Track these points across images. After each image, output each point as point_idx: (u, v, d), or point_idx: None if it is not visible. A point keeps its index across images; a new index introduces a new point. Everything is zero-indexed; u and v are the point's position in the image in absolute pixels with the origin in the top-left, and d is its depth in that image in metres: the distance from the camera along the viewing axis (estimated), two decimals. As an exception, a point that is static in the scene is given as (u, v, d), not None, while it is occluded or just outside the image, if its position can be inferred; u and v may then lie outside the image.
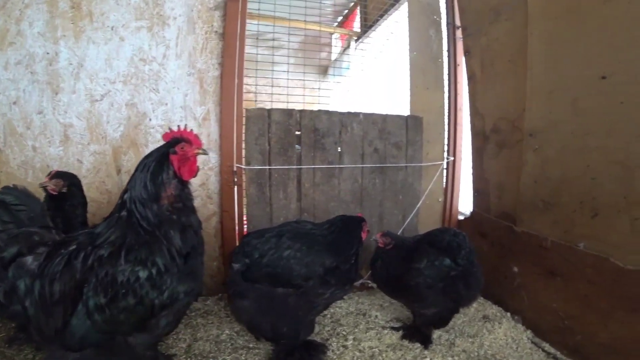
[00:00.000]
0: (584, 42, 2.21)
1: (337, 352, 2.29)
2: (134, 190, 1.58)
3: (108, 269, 1.46)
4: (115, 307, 1.46)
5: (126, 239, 1.52)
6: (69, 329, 1.47)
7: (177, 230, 1.59)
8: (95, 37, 2.74)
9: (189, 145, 1.65)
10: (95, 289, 1.46)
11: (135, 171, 1.61)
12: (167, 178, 1.59)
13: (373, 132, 2.90)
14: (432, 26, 3.21)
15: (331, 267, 2.08)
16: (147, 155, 1.65)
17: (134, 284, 1.48)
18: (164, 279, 1.53)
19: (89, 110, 2.73)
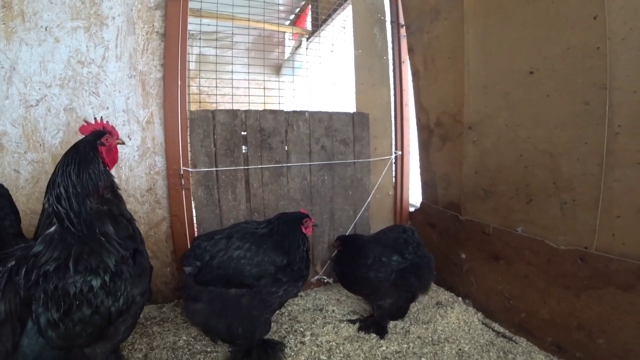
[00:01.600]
0: (511, 39, 2.35)
1: (294, 349, 2.30)
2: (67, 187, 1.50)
3: (57, 282, 1.39)
4: (70, 320, 1.40)
5: (71, 249, 1.45)
6: (20, 350, 1.39)
7: (109, 221, 1.56)
8: (28, 38, 2.57)
9: (111, 136, 1.68)
10: (46, 304, 1.38)
11: (65, 166, 1.54)
12: (99, 169, 1.58)
13: (319, 130, 2.93)
14: (377, 24, 3.26)
15: (282, 265, 2.08)
16: (71, 149, 1.60)
17: (88, 293, 1.42)
18: (118, 285, 1.49)
19: (24, 117, 2.56)
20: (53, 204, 1.49)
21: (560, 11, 2.04)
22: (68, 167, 1.52)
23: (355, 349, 2.31)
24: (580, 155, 2.00)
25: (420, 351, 2.30)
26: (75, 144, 1.63)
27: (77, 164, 1.53)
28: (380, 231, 2.64)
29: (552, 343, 2.19)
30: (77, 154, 1.57)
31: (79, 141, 1.64)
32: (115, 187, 1.66)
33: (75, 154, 1.56)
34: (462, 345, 2.36)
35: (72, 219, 1.48)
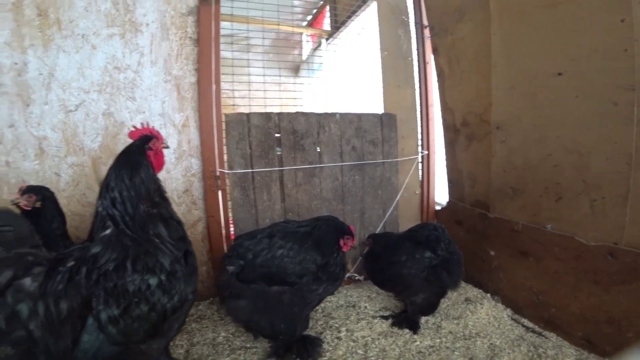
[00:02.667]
0: (537, 42, 2.50)
1: (332, 344, 2.46)
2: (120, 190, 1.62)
3: (116, 281, 1.51)
4: (129, 317, 1.52)
5: (128, 250, 1.57)
6: (80, 346, 1.50)
7: (161, 223, 1.68)
8: (65, 45, 2.75)
9: (157, 141, 1.80)
10: (106, 301, 1.50)
11: (118, 170, 1.66)
12: (150, 173, 1.70)
13: (350, 131, 3.10)
14: (401, 26, 3.43)
15: (322, 264, 2.24)
16: (122, 154, 1.73)
17: (146, 291, 1.55)
18: (173, 284, 1.61)
19: (63, 122, 2.75)
20: (108, 207, 1.62)
21: (586, 15, 2.17)
22: (121, 172, 1.64)
23: (390, 344, 2.47)
24: (610, 154, 2.15)
25: (452, 345, 2.46)
26: (125, 148, 1.77)
27: (129, 169, 1.65)
28: (410, 229, 2.80)
29: (582, 337, 2.33)
30: (128, 158, 1.70)
31: (129, 146, 1.78)
32: (163, 191, 1.78)
33: (127, 159, 1.70)
34: (493, 339, 2.51)
35: (127, 221, 1.61)
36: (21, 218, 1.72)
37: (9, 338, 1.48)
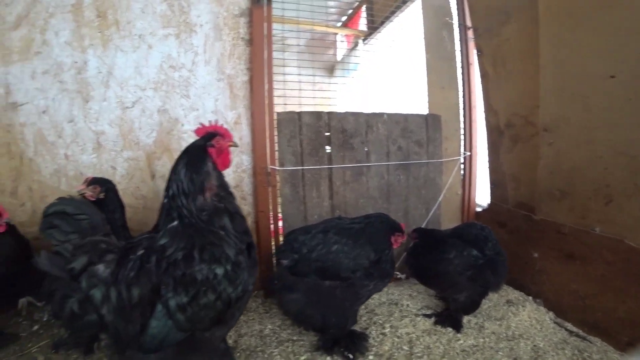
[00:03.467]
0: (586, 44, 2.57)
1: (377, 340, 2.57)
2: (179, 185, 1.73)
3: (185, 269, 1.61)
4: (197, 305, 1.61)
5: (195, 241, 1.68)
6: (149, 331, 1.60)
7: (227, 216, 1.77)
8: (123, 45, 2.95)
9: (222, 139, 1.88)
10: (175, 289, 1.59)
11: (176, 166, 1.78)
12: (209, 170, 1.78)
13: (396, 131, 3.23)
14: (445, 27, 3.54)
15: (375, 260, 2.36)
16: (185, 151, 1.84)
17: (213, 280, 1.64)
18: (238, 274, 1.71)
19: (120, 117, 2.95)
20: (169, 199, 1.75)
21: (639, 18, 2.25)
22: (178, 167, 1.77)
23: (434, 341, 2.56)
24: (664, 157, 2.23)
25: (496, 345, 2.54)
26: (188, 146, 1.87)
27: (185, 165, 1.76)
28: (458, 227, 2.90)
29: (628, 343, 2.36)
30: (187, 155, 1.81)
31: (192, 143, 1.88)
32: (227, 186, 1.86)
33: (186, 155, 1.81)
34: (536, 341, 2.57)
35: (188, 214, 1.72)
36: (94, 207, 1.83)
37: (80, 321, 1.62)
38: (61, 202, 1.73)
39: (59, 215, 1.68)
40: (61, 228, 1.66)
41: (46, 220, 1.67)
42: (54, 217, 1.67)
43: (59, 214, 1.68)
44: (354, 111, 3.15)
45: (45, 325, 2.82)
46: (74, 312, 1.60)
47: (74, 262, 1.61)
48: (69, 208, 1.69)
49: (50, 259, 1.66)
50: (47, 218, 1.67)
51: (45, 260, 1.66)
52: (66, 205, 1.70)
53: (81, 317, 1.61)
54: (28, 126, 2.99)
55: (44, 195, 3.04)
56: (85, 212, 1.72)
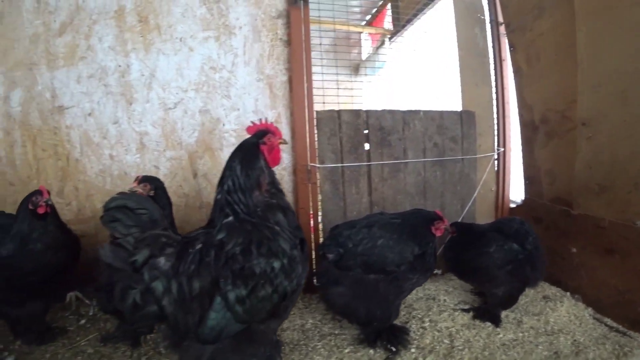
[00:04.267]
0: (629, 39, 2.59)
1: (417, 333, 2.66)
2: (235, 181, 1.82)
3: (243, 263, 1.69)
4: (255, 297, 1.69)
5: (251, 236, 1.75)
6: (207, 323, 1.66)
7: (281, 212, 1.85)
8: (165, 48, 3.10)
9: (273, 136, 1.94)
10: (235, 282, 1.67)
11: (231, 163, 1.86)
12: (262, 166, 1.87)
13: (432, 128, 3.32)
14: (477, 24, 3.61)
15: (418, 254, 2.44)
16: (238, 147, 1.92)
17: (270, 274, 1.71)
18: (293, 267, 1.78)
19: (163, 118, 3.10)
20: (225, 195, 1.83)
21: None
22: (233, 163, 1.85)
23: (474, 335, 2.64)
24: None
25: (535, 340, 2.59)
26: (241, 143, 1.95)
27: (241, 161, 1.85)
28: (496, 221, 2.97)
29: None
30: (241, 152, 1.89)
31: (244, 140, 1.96)
32: (277, 183, 1.95)
33: (240, 152, 1.89)
34: (576, 336, 2.62)
35: (242, 209, 1.80)
36: (153, 202, 1.90)
37: (140, 312, 1.69)
38: (122, 196, 1.79)
39: (121, 209, 1.73)
40: (123, 222, 1.71)
41: (108, 213, 1.73)
42: (116, 211, 1.73)
43: (121, 208, 1.73)
44: (391, 109, 3.24)
45: (92, 320, 2.99)
46: (136, 303, 1.67)
47: (137, 254, 1.68)
48: (130, 202, 1.75)
49: (114, 251, 1.72)
50: (109, 211, 1.72)
51: (109, 252, 1.72)
52: (127, 200, 1.76)
53: (142, 308, 1.68)
54: (74, 128, 3.16)
55: (89, 195, 3.22)
56: (145, 206, 1.79)
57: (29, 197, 2.53)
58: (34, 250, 2.47)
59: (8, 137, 3.23)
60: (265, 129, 1.97)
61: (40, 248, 2.48)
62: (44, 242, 2.51)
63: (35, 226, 2.50)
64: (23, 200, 2.55)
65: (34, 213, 2.50)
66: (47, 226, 2.54)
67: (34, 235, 2.48)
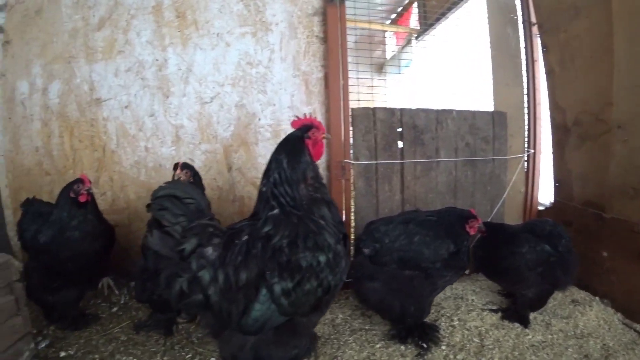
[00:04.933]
0: None
1: (447, 331, 2.71)
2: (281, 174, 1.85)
3: (290, 256, 1.71)
4: (301, 290, 1.71)
5: (298, 229, 1.78)
6: (252, 314, 1.70)
7: (324, 206, 1.88)
8: (202, 43, 3.19)
9: (317, 131, 1.98)
10: (281, 275, 1.70)
11: (277, 155, 1.90)
12: (307, 160, 1.91)
13: (464, 128, 3.37)
14: (510, 24, 3.65)
15: (453, 252, 2.49)
16: (284, 141, 1.96)
17: (316, 267, 1.73)
18: (337, 262, 1.80)
19: (199, 112, 3.19)
20: (271, 187, 1.86)
21: None
22: (280, 156, 1.88)
23: (503, 335, 2.67)
24: None
25: (565, 343, 2.61)
26: (287, 136, 1.98)
27: (287, 154, 1.88)
28: (528, 222, 2.99)
29: None
30: (287, 145, 1.92)
31: (290, 134, 1.99)
32: (320, 177, 1.98)
33: (286, 146, 1.92)
34: (606, 340, 2.63)
35: (288, 202, 1.82)
36: (199, 192, 1.91)
37: (188, 300, 1.73)
38: (170, 185, 1.85)
39: (169, 198, 1.78)
40: (171, 210, 1.76)
41: (157, 202, 1.77)
42: (164, 200, 1.78)
43: (169, 197, 1.78)
44: (425, 108, 3.30)
45: (123, 308, 3.09)
46: (182, 291, 1.71)
47: (185, 243, 1.72)
48: (178, 192, 1.80)
49: (162, 239, 1.77)
50: (157, 200, 1.77)
51: (157, 239, 1.77)
52: (175, 189, 1.81)
53: (188, 296, 1.72)
54: (111, 120, 3.27)
55: (124, 186, 3.32)
56: (193, 196, 1.83)
57: (70, 185, 2.62)
58: (72, 237, 2.57)
59: (46, 128, 3.36)
60: (309, 123, 2.00)
61: (78, 236, 2.58)
62: (83, 230, 2.60)
63: (75, 214, 2.59)
64: (64, 189, 2.64)
65: (75, 201, 2.60)
66: (86, 214, 2.64)
67: (73, 222, 2.58)
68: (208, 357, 2.49)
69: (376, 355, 2.49)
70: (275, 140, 3.11)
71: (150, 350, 2.56)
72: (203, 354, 2.51)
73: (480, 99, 3.91)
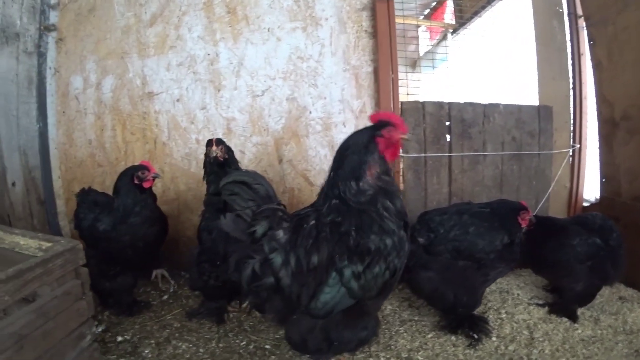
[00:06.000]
0: None
1: (496, 323, 2.79)
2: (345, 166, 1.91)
3: (359, 240, 1.79)
4: (370, 273, 1.78)
5: (362, 216, 1.85)
6: (321, 297, 1.78)
7: (389, 199, 1.91)
8: (253, 38, 3.32)
9: (395, 129, 1.92)
10: (351, 258, 1.77)
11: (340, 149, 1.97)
12: (374, 158, 1.90)
13: (511, 122, 3.43)
14: (555, 17, 3.70)
15: (507, 244, 2.57)
16: (352, 135, 2.00)
17: (384, 251, 1.81)
18: (402, 245, 1.87)
19: (250, 105, 3.33)
20: (335, 178, 1.93)
21: None
22: (347, 151, 1.94)
23: (552, 329, 2.74)
24: None
25: (614, 338, 2.65)
26: (358, 130, 2.04)
27: (352, 148, 1.93)
28: (578, 216, 3.06)
29: None
30: (354, 139, 1.97)
31: (362, 129, 2.03)
32: (389, 171, 1.98)
33: (354, 139, 1.96)
34: None
35: (351, 194, 1.88)
36: (264, 179, 2.03)
37: (258, 282, 1.83)
38: (239, 172, 2.00)
39: (238, 184, 1.91)
40: (242, 195, 1.90)
41: (228, 187, 1.91)
42: (234, 185, 1.91)
43: (238, 182, 1.92)
44: (472, 102, 3.38)
45: (173, 296, 3.25)
46: (255, 273, 1.82)
47: (257, 226, 1.83)
48: (247, 178, 1.93)
49: (234, 221, 1.91)
50: (227, 185, 1.91)
51: (230, 222, 1.91)
52: (244, 176, 1.95)
53: (260, 279, 1.82)
54: (162, 113, 3.45)
55: (174, 177, 3.50)
56: (260, 182, 1.95)
57: (130, 172, 2.74)
58: (135, 223, 2.71)
59: (99, 121, 3.55)
60: (387, 120, 1.96)
61: (139, 221, 2.73)
62: (144, 215, 2.75)
63: (138, 200, 2.73)
64: (123, 177, 2.77)
65: (138, 187, 2.73)
66: (146, 199, 2.78)
67: (136, 208, 2.72)
68: (262, 345, 2.61)
69: (428, 345, 2.58)
70: (326, 133, 3.27)
71: (205, 337, 2.69)
72: (257, 342, 2.64)
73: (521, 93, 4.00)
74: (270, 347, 2.59)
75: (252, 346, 2.61)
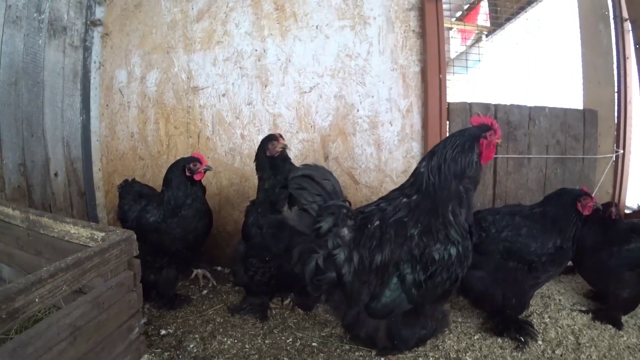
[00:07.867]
0: None
1: (540, 328, 2.88)
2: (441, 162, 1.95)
3: (424, 248, 1.84)
4: (432, 282, 1.85)
5: (430, 219, 1.90)
6: (381, 300, 1.85)
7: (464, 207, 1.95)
8: (301, 35, 3.46)
9: (494, 134, 2.01)
10: (414, 267, 1.84)
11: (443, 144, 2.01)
12: (474, 159, 1.96)
13: (555, 125, 3.52)
14: (601, 21, 3.83)
15: (559, 247, 2.64)
16: (459, 132, 2.05)
17: (448, 260, 1.86)
18: (466, 256, 1.93)
19: (297, 102, 3.46)
20: (427, 170, 1.97)
21: None
22: (447, 146, 1.98)
23: (597, 335, 2.82)
24: None
25: None
26: (464, 129, 2.06)
27: (455, 147, 1.97)
28: (627, 222, 3.06)
29: None
30: (460, 138, 1.99)
31: (467, 128, 2.06)
32: (476, 179, 2.02)
33: (459, 138, 2.00)
34: None
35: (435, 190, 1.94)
36: (331, 174, 2.08)
37: (321, 276, 1.90)
38: (307, 167, 2.03)
39: (306, 179, 1.98)
40: (309, 190, 1.96)
41: (295, 181, 1.98)
42: (301, 179, 1.98)
43: (306, 177, 1.98)
44: (518, 104, 3.47)
45: (213, 291, 3.36)
46: (318, 266, 1.89)
47: (323, 222, 1.89)
48: (314, 173, 1.99)
49: (300, 215, 1.98)
50: (295, 179, 1.98)
51: (295, 216, 1.99)
52: (312, 171, 2.00)
53: (323, 273, 1.89)
54: (207, 108, 3.61)
55: (217, 172, 3.65)
56: (328, 177, 2.01)
57: (181, 164, 2.83)
58: (187, 215, 2.82)
59: (142, 114, 3.73)
60: (489, 124, 2.04)
61: (190, 214, 2.83)
62: (194, 208, 2.85)
63: (189, 192, 2.83)
64: (173, 168, 2.85)
65: (189, 179, 2.81)
66: (197, 192, 2.87)
67: (188, 201, 2.82)
68: (309, 342, 2.70)
69: (475, 346, 2.68)
70: (373, 131, 3.42)
71: (250, 333, 2.79)
72: (303, 339, 2.74)
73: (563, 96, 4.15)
74: (317, 344, 2.69)
75: (298, 343, 2.70)
